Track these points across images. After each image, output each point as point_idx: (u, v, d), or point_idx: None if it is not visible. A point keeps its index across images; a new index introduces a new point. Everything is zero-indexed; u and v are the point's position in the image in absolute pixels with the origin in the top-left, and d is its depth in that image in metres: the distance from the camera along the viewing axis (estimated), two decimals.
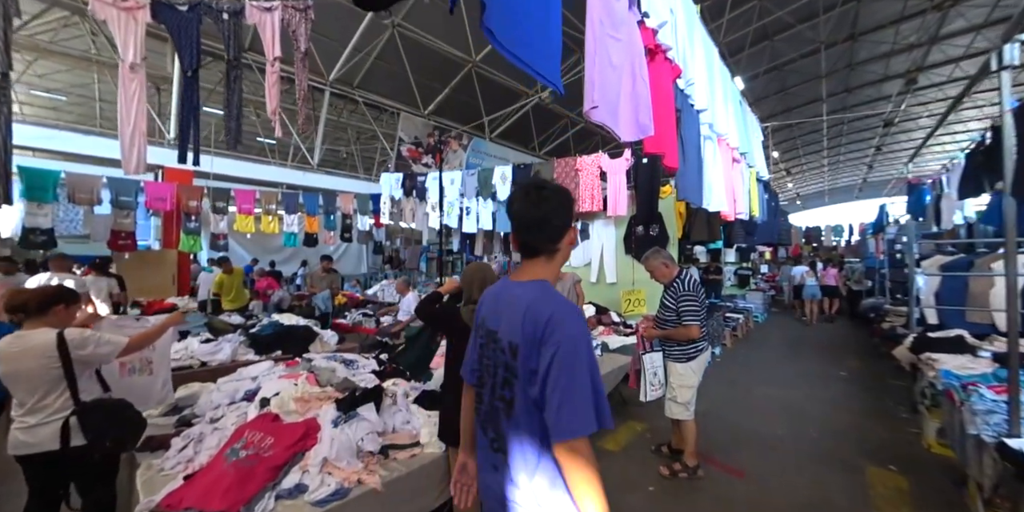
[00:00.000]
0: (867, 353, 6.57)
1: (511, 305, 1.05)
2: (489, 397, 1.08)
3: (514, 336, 1.00)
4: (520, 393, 0.98)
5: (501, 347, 1.04)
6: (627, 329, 5.52)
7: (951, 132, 24.32)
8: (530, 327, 0.97)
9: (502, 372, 1.03)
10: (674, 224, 5.52)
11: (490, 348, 1.09)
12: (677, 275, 2.93)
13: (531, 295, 1.02)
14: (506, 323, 1.04)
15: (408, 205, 8.87)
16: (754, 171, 3.94)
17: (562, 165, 6.29)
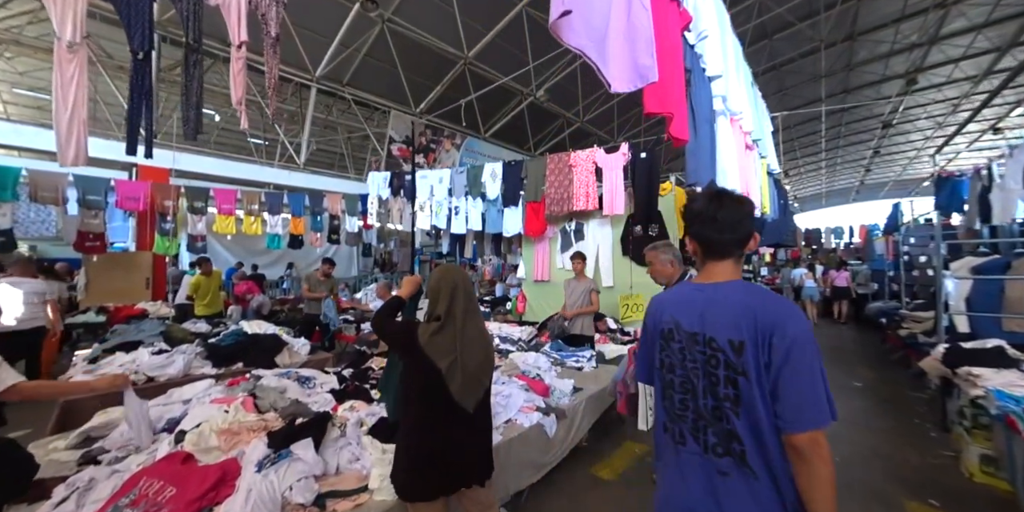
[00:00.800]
0: (879, 360, 6.13)
1: (721, 305, 1.05)
2: (697, 402, 1.06)
3: (736, 334, 1.00)
4: (754, 387, 0.97)
5: (716, 346, 1.03)
6: (624, 337, 5.08)
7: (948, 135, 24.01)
8: (756, 323, 0.98)
9: (723, 371, 1.02)
10: (675, 223, 5.09)
11: (692, 350, 1.07)
12: (679, 279, 2.42)
13: (745, 294, 1.04)
14: (719, 322, 1.03)
15: (396, 205, 8.44)
16: (765, 162, 3.53)
17: (555, 161, 5.86)
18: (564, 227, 6.14)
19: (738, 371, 0.99)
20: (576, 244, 5.99)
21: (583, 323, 4.43)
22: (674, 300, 1.17)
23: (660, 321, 1.16)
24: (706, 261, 1.15)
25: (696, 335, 1.06)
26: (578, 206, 5.45)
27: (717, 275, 1.12)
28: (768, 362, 0.96)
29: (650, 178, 4.94)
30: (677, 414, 1.09)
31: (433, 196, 7.59)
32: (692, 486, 1.04)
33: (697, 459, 1.05)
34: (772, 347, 0.96)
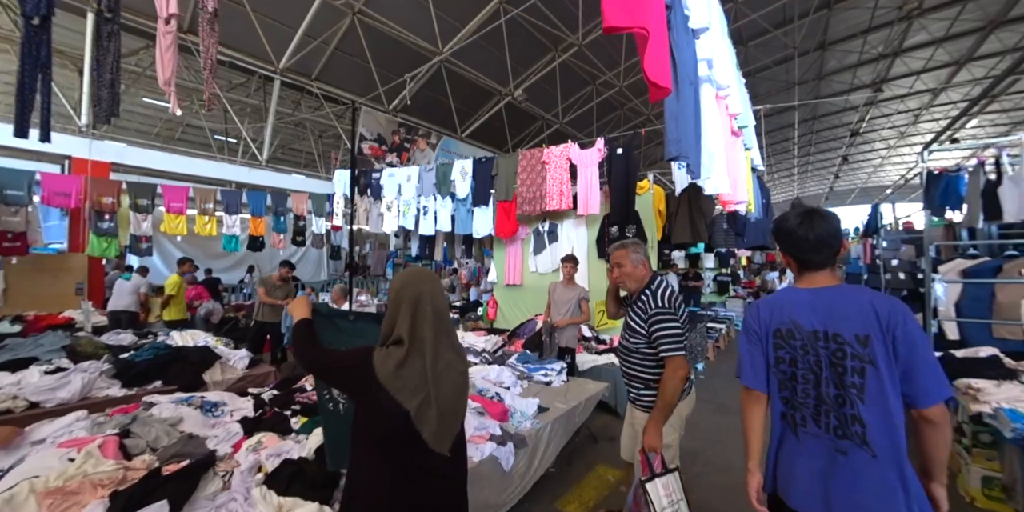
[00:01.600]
0: None
1: (841, 305, 1.20)
2: (819, 391, 1.19)
3: (861, 329, 1.15)
4: (884, 374, 1.10)
5: (841, 340, 1.17)
6: (600, 345, 4.70)
7: (910, 144, 24.98)
8: (878, 318, 1.13)
9: (850, 362, 1.15)
10: (653, 224, 4.77)
11: (814, 347, 1.21)
12: (648, 284, 1.98)
13: (860, 294, 1.21)
14: (843, 320, 1.18)
15: (362, 205, 7.90)
16: (750, 155, 3.24)
17: (527, 157, 5.48)
18: (537, 228, 5.75)
19: (865, 360, 1.13)
20: (549, 246, 5.61)
21: (568, 334, 4.00)
22: (785, 303, 1.30)
23: (772, 322, 1.30)
24: (804, 272, 1.31)
25: (817, 333, 1.21)
26: (551, 205, 5.07)
27: (820, 281, 1.28)
28: (895, 351, 1.10)
29: (627, 175, 4.60)
30: (799, 402, 1.24)
31: (401, 195, 7.11)
32: (817, 462, 1.19)
33: (817, 440, 1.20)
34: (896, 338, 1.10)
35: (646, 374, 1.96)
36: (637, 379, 2.00)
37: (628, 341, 2.00)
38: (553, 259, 5.53)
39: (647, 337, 1.90)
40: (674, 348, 1.83)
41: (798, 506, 1.20)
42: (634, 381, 2.02)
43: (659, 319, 1.86)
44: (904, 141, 24.15)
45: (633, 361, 1.99)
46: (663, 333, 1.85)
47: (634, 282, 2.01)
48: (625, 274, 2.01)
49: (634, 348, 1.97)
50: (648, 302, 1.92)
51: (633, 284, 2.01)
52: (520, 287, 5.92)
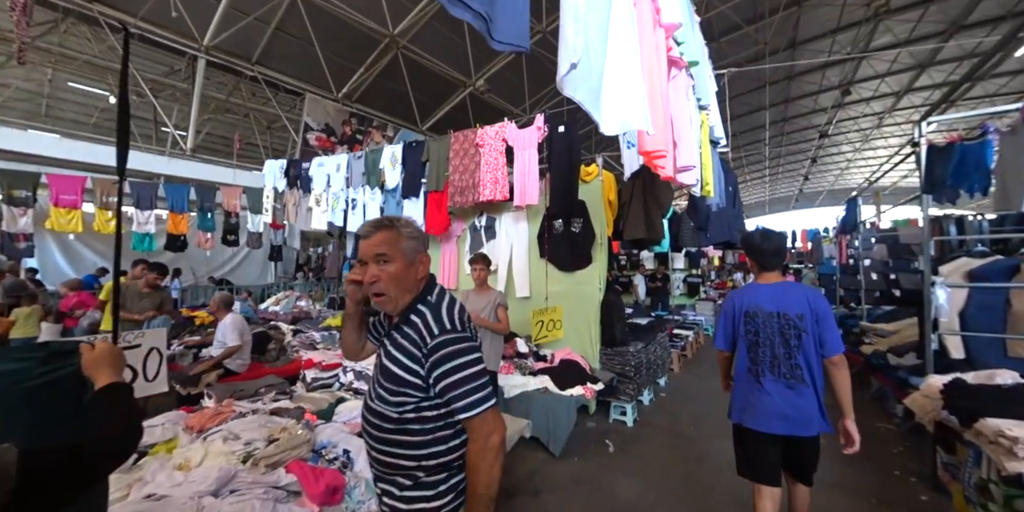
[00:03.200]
0: None
1: (790, 295, 1.83)
2: (775, 353, 1.81)
3: (802, 309, 1.78)
4: (809, 340, 1.76)
5: (788, 318, 1.80)
6: (539, 363, 3.83)
7: (874, 147, 25.20)
8: (811, 304, 1.78)
9: (793, 331, 1.78)
10: (603, 217, 3.94)
11: (773, 324, 1.82)
12: (424, 293, 1.13)
13: (799, 288, 1.88)
14: (791, 304, 1.80)
15: (291, 199, 6.87)
16: (707, 119, 2.44)
17: (460, 140, 4.58)
18: (474, 223, 4.86)
19: (801, 330, 1.78)
20: (487, 244, 4.72)
21: (489, 352, 3.07)
22: (751, 293, 1.92)
23: (745, 305, 1.91)
24: (763, 272, 1.94)
25: (773, 313, 1.83)
26: (484, 196, 4.17)
27: (772, 279, 1.91)
28: (816, 323, 1.76)
29: (570, 158, 3.76)
30: (760, 359, 1.85)
31: (330, 187, 6.12)
32: (775, 396, 1.80)
33: (775, 383, 1.81)
34: (817, 316, 1.77)
35: (414, 458, 1.04)
36: (397, 470, 1.06)
37: (377, 402, 1.07)
38: (492, 258, 4.64)
39: (422, 388, 1.03)
40: (480, 400, 0.99)
41: (755, 427, 1.82)
42: (391, 473, 1.07)
43: (448, 354, 1.00)
44: (869, 144, 24.33)
45: (388, 437, 1.06)
46: (457, 376, 0.99)
47: (400, 291, 1.09)
48: (388, 276, 1.07)
49: (391, 413, 1.04)
50: (424, 326, 1.05)
51: (397, 293, 1.09)
52: (454, 291, 5.01)
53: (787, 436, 1.77)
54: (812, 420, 1.75)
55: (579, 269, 4.02)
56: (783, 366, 1.78)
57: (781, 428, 1.76)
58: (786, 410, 1.75)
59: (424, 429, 1.03)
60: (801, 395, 1.75)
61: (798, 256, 20.05)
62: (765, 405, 1.78)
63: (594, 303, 3.93)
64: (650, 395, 4.40)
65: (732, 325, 1.93)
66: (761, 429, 1.79)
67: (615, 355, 3.85)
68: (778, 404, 1.76)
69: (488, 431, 0.98)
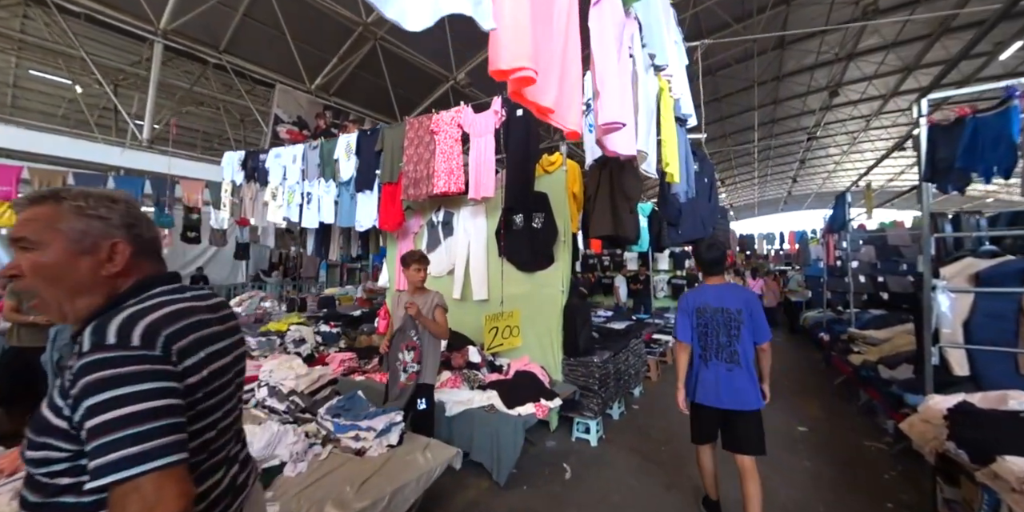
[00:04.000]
0: (820, 388, 4.84)
1: (730, 294, 2.21)
2: (719, 341, 2.16)
3: (740, 306, 2.15)
4: (746, 330, 2.13)
5: (729, 313, 2.15)
6: (492, 375, 3.37)
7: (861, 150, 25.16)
8: (746, 302, 2.17)
9: (734, 323, 2.14)
10: (567, 211, 3.50)
11: (717, 316, 2.18)
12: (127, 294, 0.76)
13: (736, 289, 2.27)
14: (731, 302, 2.17)
15: (248, 193, 6.37)
16: (666, 86, 2.02)
17: (414, 127, 4.12)
18: (431, 219, 4.40)
19: (740, 322, 2.13)
20: (444, 241, 4.26)
21: (428, 364, 2.60)
22: (701, 293, 2.26)
23: (696, 303, 2.24)
24: (708, 277, 2.31)
25: (718, 308, 2.17)
26: (438, 188, 3.71)
27: (716, 280, 2.29)
28: (750, 315, 2.14)
29: (527, 144, 3.31)
30: (707, 346, 2.19)
31: (286, 180, 5.63)
32: (718, 377, 2.15)
33: (718, 366, 2.15)
34: (751, 311, 2.14)
35: None
36: None
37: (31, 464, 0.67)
38: (449, 258, 4.18)
39: (70, 435, 0.64)
40: (133, 458, 0.60)
41: (704, 401, 2.18)
42: None
43: (94, 382, 0.62)
44: (856, 147, 24.24)
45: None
46: (105, 418, 0.61)
47: (60, 292, 0.73)
48: (32, 269, 0.70)
49: (39, 476, 0.66)
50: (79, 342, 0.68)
51: (55, 295, 0.73)
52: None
53: (727, 410, 2.13)
54: (748, 396, 2.10)
55: (540, 269, 3.58)
56: (725, 352, 2.14)
57: (726, 403, 2.12)
58: (726, 389, 2.11)
59: (82, 505, 0.61)
60: (739, 376, 2.10)
61: (785, 258, 19.84)
62: (710, 385, 2.16)
63: (556, 307, 3.49)
64: (620, 408, 3.97)
65: (688, 319, 2.25)
66: (710, 404, 2.16)
67: (578, 366, 3.41)
68: (722, 383, 2.12)
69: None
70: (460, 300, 4.04)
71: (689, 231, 3.02)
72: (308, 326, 4.59)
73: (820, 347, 6.00)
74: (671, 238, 3.17)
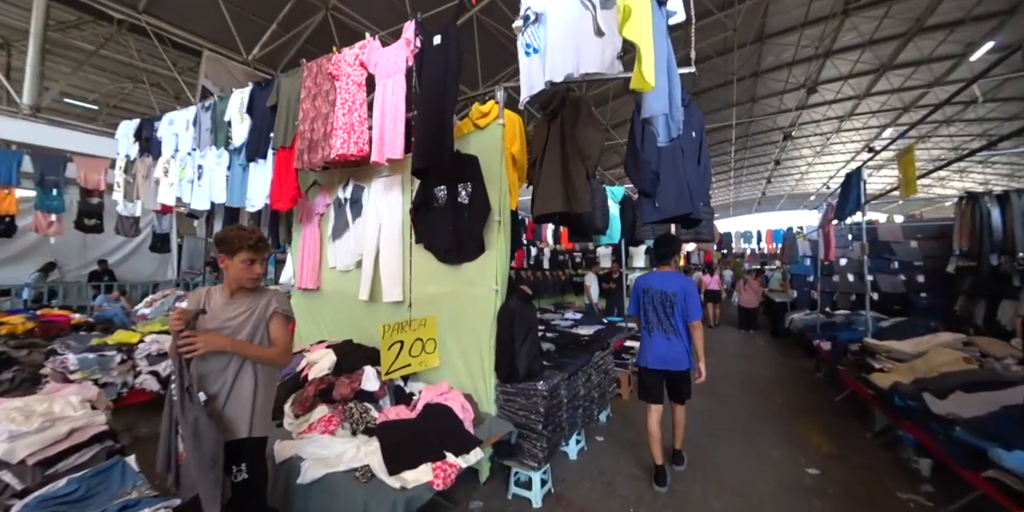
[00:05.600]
0: (820, 405, 3.99)
1: (671, 280, 2.59)
2: (659, 316, 2.57)
3: (676, 289, 2.53)
4: (679, 309, 2.52)
5: (667, 295, 2.54)
6: (396, 408, 2.34)
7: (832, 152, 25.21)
8: (681, 285, 2.54)
9: (669, 303, 2.54)
10: (503, 180, 2.51)
11: (657, 298, 2.58)
12: None
13: (676, 276, 2.62)
14: (669, 286, 2.55)
15: (141, 168, 5.14)
16: None
17: (313, 73, 3.05)
18: (338, 196, 3.33)
19: (674, 302, 2.52)
20: (352, 224, 3.19)
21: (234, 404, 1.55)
22: (648, 278, 2.68)
23: (643, 285, 2.65)
24: (658, 264, 2.73)
25: (660, 291, 2.56)
26: (336, 150, 2.66)
27: (665, 269, 2.68)
28: (684, 298, 2.51)
29: (445, 85, 2.30)
30: (650, 320, 2.60)
31: (178, 151, 4.47)
32: (659, 345, 2.58)
33: (660, 336, 2.57)
34: (685, 293, 2.52)
35: None
36: None
37: None
38: (357, 245, 3.12)
39: None
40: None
41: (652, 366, 2.60)
42: None
43: None
44: (828, 149, 24.22)
45: None
46: None
47: None
48: None
49: None
50: None
51: None
52: (318, 293, 3.47)
53: (666, 370, 2.59)
54: (681, 360, 2.56)
55: (467, 260, 2.56)
56: (664, 325, 2.56)
57: (662, 364, 2.59)
58: (664, 353, 2.57)
59: None
60: (674, 344, 2.55)
61: (761, 257, 19.44)
62: (653, 351, 2.60)
63: (487, 313, 2.49)
64: (580, 442, 3.00)
65: (636, 298, 2.72)
66: (651, 366, 2.61)
67: (517, 395, 2.42)
68: (661, 350, 2.58)
69: None
70: (368, 302, 2.98)
71: (671, 204, 2.05)
72: None
73: (813, 354, 5.20)
74: (646, 214, 2.19)
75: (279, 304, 1.58)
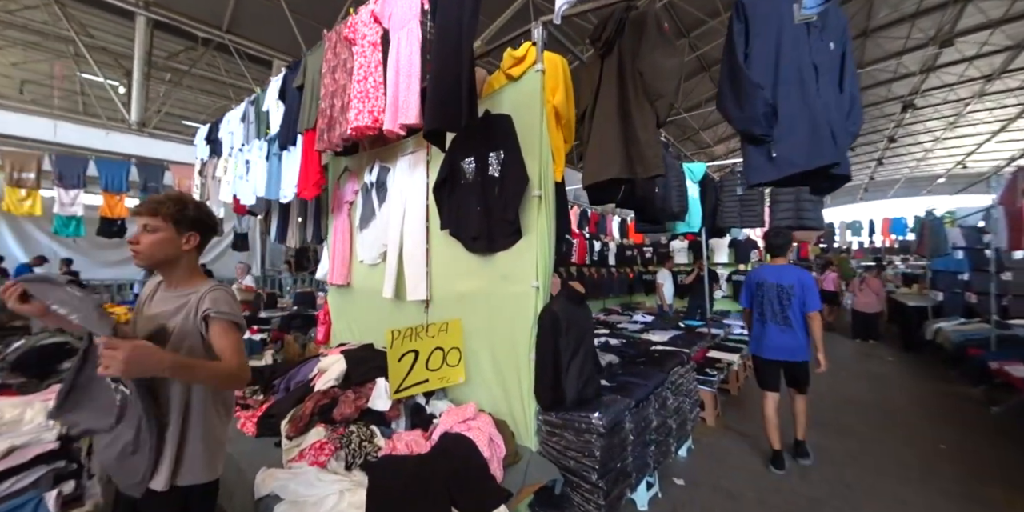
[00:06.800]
0: (1006, 460, 2.78)
1: (786, 273, 2.68)
2: (774, 309, 2.66)
3: (793, 282, 2.61)
4: (796, 301, 2.59)
5: (783, 288, 2.63)
6: (414, 432, 1.85)
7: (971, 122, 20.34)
8: (799, 278, 2.62)
9: (786, 296, 2.62)
10: (543, 143, 1.90)
11: (773, 291, 2.67)
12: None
13: (793, 269, 2.71)
14: (785, 279, 2.64)
15: (210, 169, 5.36)
16: None
17: (332, 42, 2.69)
18: (364, 181, 2.95)
19: (791, 294, 2.60)
20: (379, 211, 2.78)
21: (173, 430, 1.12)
22: (761, 271, 2.81)
23: (755, 279, 2.80)
24: (772, 257, 2.84)
25: (776, 284, 2.65)
26: (351, 123, 2.26)
27: (778, 262, 2.78)
28: (802, 290, 2.58)
29: (461, 25, 1.76)
30: (764, 312, 2.69)
31: (232, 147, 4.52)
32: (774, 335, 2.64)
33: (773, 326, 2.65)
34: (803, 285, 2.59)
35: None
36: None
37: None
38: (383, 234, 2.71)
39: None
40: None
41: (767, 355, 2.68)
42: None
43: None
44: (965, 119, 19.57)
45: None
46: None
47: None
48: None
49: None
50: None
51: None
52: (348, 289, 3.15)
53: (783, 361, 2.66)
54: (798, 351, 2.61)
55: (500, 249, 1.99)
56: (779, 317, 2.63)
57: (779, 355, 2.65)
58: (781, 344, 2.63)
59: None
60: (791, 335, 2.60)
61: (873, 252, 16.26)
62: (769, 340, 2.67)
63: (526, 316, 1.90)
64: (652, 489, 2.28)
65: (749, 291, 2.82)
66: (766, 356, 2.69)
67: (564, 428, 1.79)
68: (775, 341, 2.64)
69: None
70: (394, 300, 2.55)
71: (799, 151, 1.22)
72: None
73: (980, 379, 3.81)
74: (755, 172, 1.37)
75: (213, 304, 1.13)
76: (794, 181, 1.47)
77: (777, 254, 2.79)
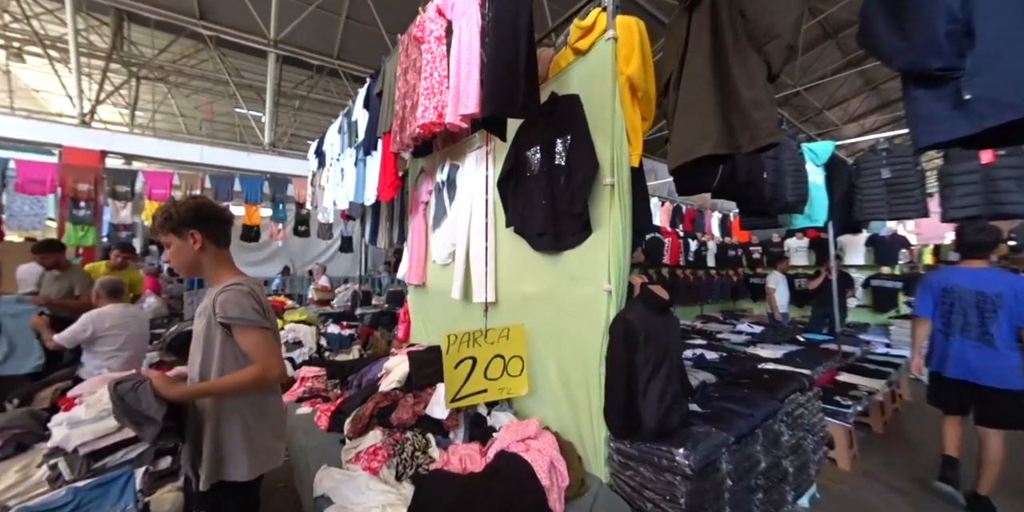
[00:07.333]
0: None
1: (991, 278, 2.18)
2: (967, 321, 2.19)
3: (1001, 290, 2.11)
4: (1005, 314, 2.08)
5: (986, 297, 2.14)
6: (471, 445, 1.72)
7: None
8: (1010, 285, 2.10)
9: (990, 307, 2.12)
10: (617, 123, 1.61)
11: (969, 299, 2.19)
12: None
13: (998, 273, 2.21)
14: (989, 286, 2.14)
15: (318, 180, 6.03)
16: None
17: (404, 45, 2.72)
18: (437, 180, 2.94)
19: (998, 305, 2.10)
20: (450, 209, 2.74)
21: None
22: (949, 275, 2.31)
23: (943, 283, 2.29)
24: (967, 259, 2.29)
25: (974, 290, 2.17)
26: (419, 120, 2.24)
27: (976, 264, 2.26)
28: (1015, 300, 2.07)
29: (516, 9, 1.56)
30: (952, 323, 2.23)
31: (332, 157, 5.01)
32: (961, 352, 2.19)
33: (964, 341, 2.18)
34: (1016, 294, 2.07)
35: None
36: None
37: None
38: (452, 233, 2.66)
39: None
40: None
41: (950, 374, 2.22)
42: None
43: None
44: None
45: None
46: None
47: None
48: None
49: None
50: None
51: None
52: (424, 289, 3.18)
53: (972, 383, 2.15)
54: (1005, 375, 2.07)
55: (567, 247, 1.76)
56: (974, 331, 2.15)
57: (963, 374, 2.18)
58: (975, 363, 2.14)
59: None
60: (992, 353, 2.10)
61: None
62: (954, 355, 2.22)
63: (597, 324, 1.63)
64: None
65: (932, 297, 2.32)
66: (949, 374, 2.23)
67: (640, 461, 1.49)
68: (962, 357, 2.18)
69: None
70: (463, 301, 2.47)
71: (1012, 90, 0.82)
72: (311, 324, 3.70)
73: None
74: (926, 131, 0.89)
75: (221, 309, 1.11)
76: (993, 140, 0.97)
77: (975, 255, 2.27)
